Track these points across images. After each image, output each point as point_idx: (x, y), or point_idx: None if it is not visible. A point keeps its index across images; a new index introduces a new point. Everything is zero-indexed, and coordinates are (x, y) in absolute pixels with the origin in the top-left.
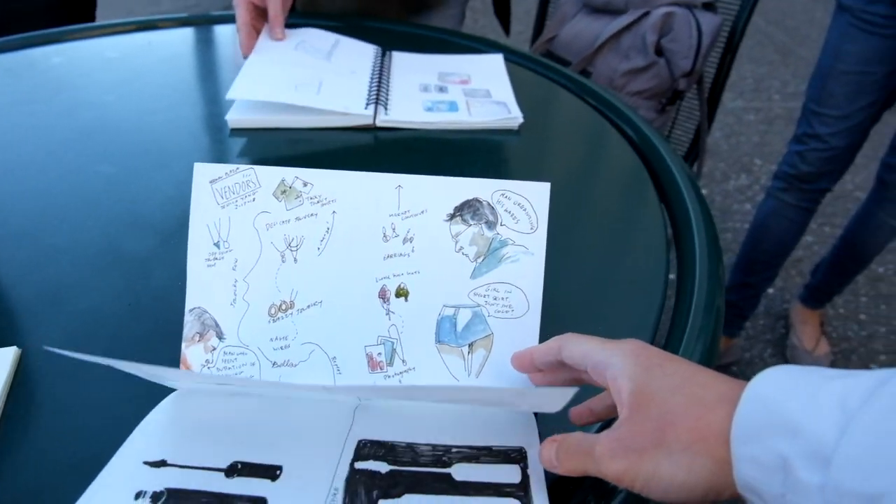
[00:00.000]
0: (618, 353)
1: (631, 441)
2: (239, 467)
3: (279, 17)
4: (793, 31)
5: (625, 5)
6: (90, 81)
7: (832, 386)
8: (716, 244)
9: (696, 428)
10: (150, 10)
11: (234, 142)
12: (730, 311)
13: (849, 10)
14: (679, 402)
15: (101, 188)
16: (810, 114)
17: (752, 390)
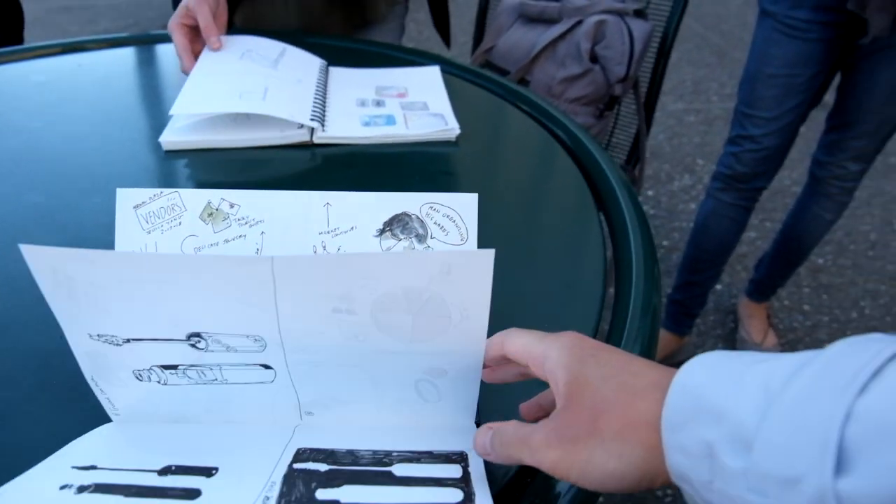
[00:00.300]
0: (555, 345)
1: (566, 430)
2: (173, 469)
3: (211, 27)
4: (727, 35)
5: (558, 15)
6: (16, 107)
7: (756, 370)
8: (651, 247)
9: (626, 415)
10: (88, 29)
11: (168, 165)
12: (678, 311)
13: (772, 16)
14: (611, 389)
15: (30, 217)
16: (742, 116)
17: (680, 378)
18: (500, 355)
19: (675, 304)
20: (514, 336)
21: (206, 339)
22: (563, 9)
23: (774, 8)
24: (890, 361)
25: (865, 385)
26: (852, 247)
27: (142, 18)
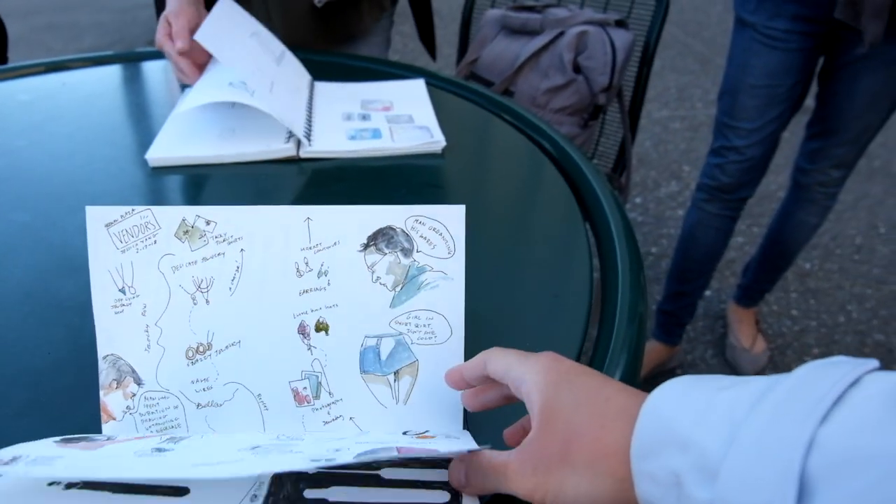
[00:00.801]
0: (532, 368)
1: (539, 458)
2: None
3: (181, 32)
4: (710, 42)
5: (540, 26)
6: (1, 126)
7: (721, 398)
8: (637, 256)
9: (597, 445)
10: (72, 46)
11: (155, 181)
12: (668, 321)
13: (751, 26)
14: (582, 417)
15: (16, 236)
16: (725, 127)
17: (648, 406)
18: (483, 374)
19: (665, 314)
20: (496, 357)
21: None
22: (545, 20)
23: (753, 18)
24: (851, 388)
25: (827, 413)
26: (838, 251)
27: (127, 35)
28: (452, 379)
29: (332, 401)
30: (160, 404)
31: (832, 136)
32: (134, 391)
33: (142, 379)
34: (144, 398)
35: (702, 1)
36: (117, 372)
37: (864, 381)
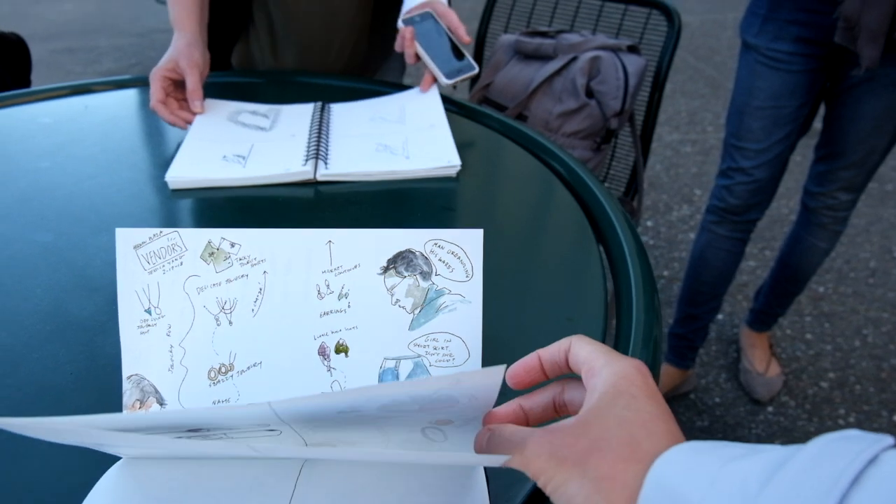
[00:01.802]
0: (612, 368)
1: (559, 448)
2: None
3: (197, 91)
4: (720, 66)
5: (553, 51)
6: (24, 148)
7: (732, 469)
8: (650, 279)
9: (615, 467)
10: (91, 70)
11: (175, 203)
12: (681, 344)
13: (755, 49)
14: (618, 436)
15: (39, 256)
16: (732, 148)
17: (654, 475)
18: (563, 356)
19: (677, 337)
20: (584, 342)
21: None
22: (558, 46)
23: (756, 41)
24: (869, 465)
25: (846, 493)
26: (852, 274)
27: (145, 58)
28: (526, 367)
29: None
30: None
31: (838, 159)
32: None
33: (164, 399)
34: None
35: (712, 26)
36: (141, 392)
37: (881, 459)
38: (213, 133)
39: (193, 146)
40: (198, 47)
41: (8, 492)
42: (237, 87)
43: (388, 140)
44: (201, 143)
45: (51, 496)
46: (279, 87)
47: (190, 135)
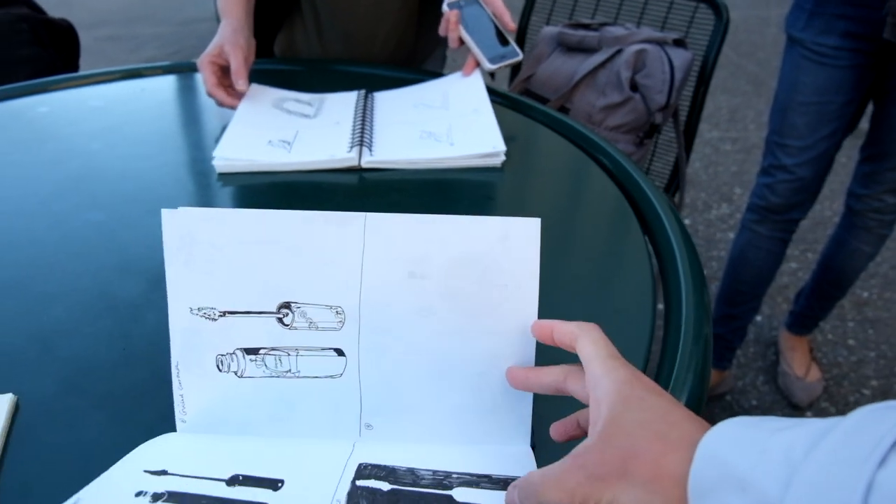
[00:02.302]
0: (611, 376)
1: (594, 468)
2: (240, 479)
3: (241, 70)
4: (764, 63)
5: (598, 44)
6: (76, 130)
7: (778, 439)
8: (700, 274)
9: (657, 466)
10: (133, 57)
11: (221, 185)
12: (718, 344)
13: (800, 43)
14: (645, 436)
15: (91, 235)
16: (774, 145)
17: (704, 446)
18: (570, 343)
19: (715, 337)
20: (589, 339)
21: (294, 311)
22: (603, 38)
23: (802, 35)
24: None
25: (885, 456)
26: None
27: (184, 47)
28: (541, 331)
29: None
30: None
31: (885, 160)
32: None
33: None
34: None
35: (756, 22)
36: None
37: None
38: (259, 118)
39: (239, 131)
40: (243, 33)
41: (61, 470)
42: (280, 74)
43: (431, 127)
44: (247, 128)
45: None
46: (322, 76)
47: (235, 119)
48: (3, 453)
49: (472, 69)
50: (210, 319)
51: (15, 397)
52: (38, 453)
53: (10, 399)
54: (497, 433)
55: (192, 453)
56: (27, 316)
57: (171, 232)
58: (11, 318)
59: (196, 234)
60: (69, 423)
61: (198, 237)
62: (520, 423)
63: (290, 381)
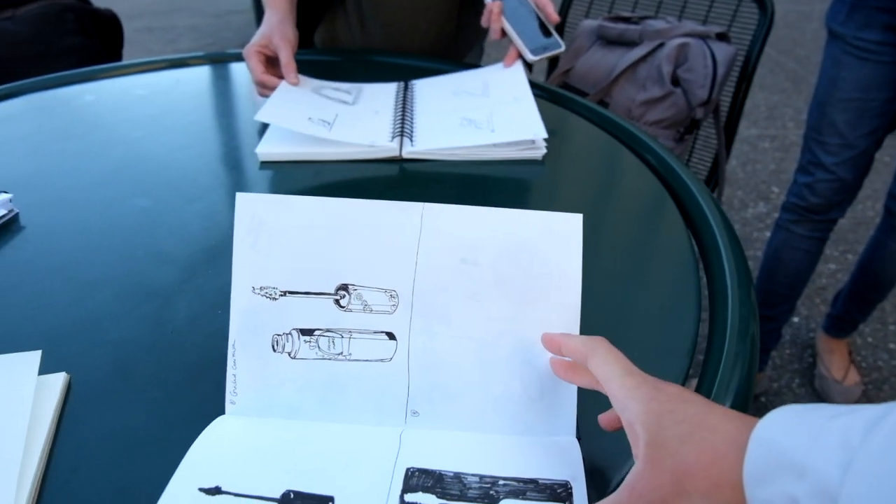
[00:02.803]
0: (634, 396)
1: (651, 494)
2: (292, 497)
3: (292, 65)
4: (804, 60)
5: (639, 37)
6: (122, 118)
7: (834, 424)
8: (746, 271)
9: (710, 477)
10: (170, 48)
11: (263, 174)
12: None
13: (841, 38)
14: (691, 451)
15: (137, 222)
16: (813, 143)
17: (758, 434)
18: (581, 363)
19: None
20: (602, 359)
21: (350, 293)
22: (644, 32)
23: (843, 29)
24: None
25: None
26: None
27: (220, 38)
28: (549, 342)
29: None
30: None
31: None
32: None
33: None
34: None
35: (795, 17)
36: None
37: None
38: (300, 98)
39: (279, 103)
40: (289, 24)
41: (113, 450)
42: (319, 64)
43: (472, 114)
44: (287, 103)
45: (156, 450)
46: (361, 67)
47: (276, 93)
48: (55, 431)
49: (513, 60)
50: (270, 299)
51: (68, 376)
52: (88, 433)
53: (63, 378)
54: (542, 423)
55: (242, 464)
56: (77, 300)
57: (242, 215)
58: (63, 301)
59: (264, 217)
60: (119, 404)
61: (266, 221)
62: (565, 414)
63: (340, 364)
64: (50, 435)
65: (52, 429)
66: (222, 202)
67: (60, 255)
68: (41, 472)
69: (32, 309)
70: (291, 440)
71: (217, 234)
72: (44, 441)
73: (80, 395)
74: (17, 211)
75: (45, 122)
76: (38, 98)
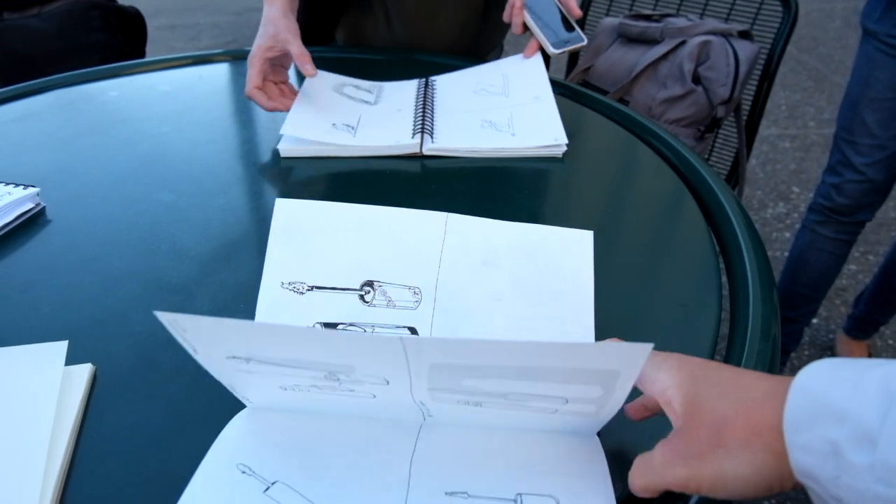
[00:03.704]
0: (664, 367)
1: (687, 448)
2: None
3: (305, 54)
4: (826, 58)
5: (660, 35)
6: (147, 114)
7: (873, 373)
8: (768, 271)
9: (749, 425)
10: (191, 45)
11: (284, 170)
12: None
13: (874, 35)
14: (728, 405)
15: (164, 214)
16: (843, 143)
17: (799, 383)
18: None
19: None
20: None
21: (375, 289)
22: (665, 30)
23: (877, 27)
24: None
25: None
26: None
27: (240, 36)
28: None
29: None
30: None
31: None
32: None
33: None
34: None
35: (818, 15)
36: None
37: None
38: (321, 101)
39: (303, 112)
40: (291, 16)
41: (137, 439)
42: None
43: (492, 115)
44: (310, 110)
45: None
46: (381, 65)
47: (298, 101)
48: (82, 422)
49: (533, 51)
50: (298, 293)
51: (93, 367)
52: (113, 423)
53: (89, 369)
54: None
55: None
56: (103, 293)
57: (279, 217)
58: (90, 292)
59: (299, 220)
60: (143, 395)
61: (300, 223)
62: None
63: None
64: (76, 424)
65: (79, 418)
66: (244, 197)
67: (86, 248)
68: (68, 460)
69: (59, 301)
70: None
71: (238, 230)
72: (70, 430)
73: (106, 386)
74: (44, 205)
75: (72, 118)
76: (64, 94)
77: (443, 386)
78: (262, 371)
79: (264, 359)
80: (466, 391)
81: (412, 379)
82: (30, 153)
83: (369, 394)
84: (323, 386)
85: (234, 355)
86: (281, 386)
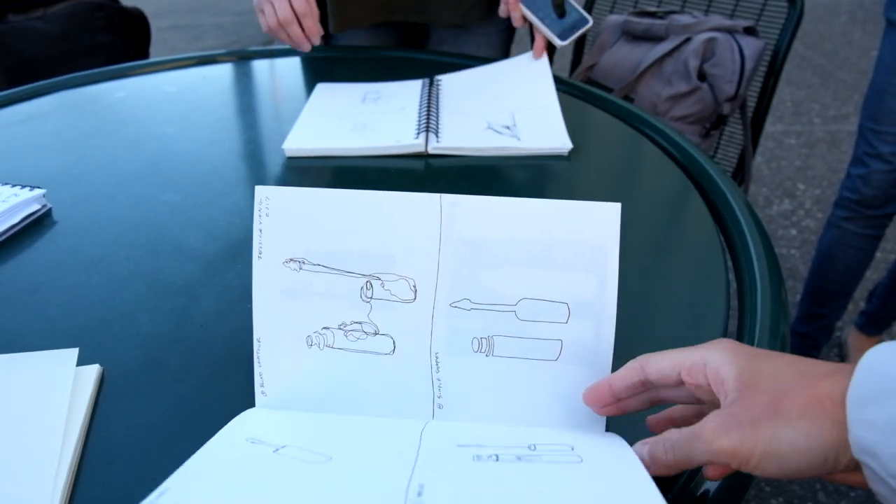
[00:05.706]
0: (714, 350)
1: (743, 414)
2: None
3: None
4: (831, 55)
5: (665, 32)
6: (152, 114)
7: None
8: (776, 268)
9: (810, 394)
10: (194, 46)
11: (289, 170)
12: (803, 343)
13: None
14: (791, 375)
15: (169, 215)
16: (869, 132)
17: (867, 360)
18: (638, 381)
19: (799, 336)
20: (657, 356)
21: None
22: (670, 26)
23: None
24: None
25: None
26: None
27: (243, 36)
28: (598, 394)
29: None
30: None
31: None
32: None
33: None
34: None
35: (824, 11)
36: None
37: None
38: (328, 107)
39: (310, 116)
40: None
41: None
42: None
43: (496, 119)
44: (317, 114)
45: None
46: (384, 64)
47: (307, 107)
48: (89, 423)
49: (541, 52)
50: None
51: (101, 368)
52: (121, 424)
53: (96, 370)
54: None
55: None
56: (109, 293)
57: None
58: (95, 294)
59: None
60: (150, 395)
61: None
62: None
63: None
64: (84, 425)
65: (87, 419)
66: (249, 198)
67: (92, 249)
68: (76, 461)
69: (65, 302)
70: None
71: (244, 230)
72: (78, 431)
73: (113, 387)
74: (51, 206)
75: (77, 119)
76: (69, 95)
77: (464, 291)
78: (309, 288)
79: (318, 255)
80: (482, 302)
81: (438, 279)
82: (36, 155)
83: (390, 345)
84: (350, 328)
85: (291, 257)
86: (312, 332)
